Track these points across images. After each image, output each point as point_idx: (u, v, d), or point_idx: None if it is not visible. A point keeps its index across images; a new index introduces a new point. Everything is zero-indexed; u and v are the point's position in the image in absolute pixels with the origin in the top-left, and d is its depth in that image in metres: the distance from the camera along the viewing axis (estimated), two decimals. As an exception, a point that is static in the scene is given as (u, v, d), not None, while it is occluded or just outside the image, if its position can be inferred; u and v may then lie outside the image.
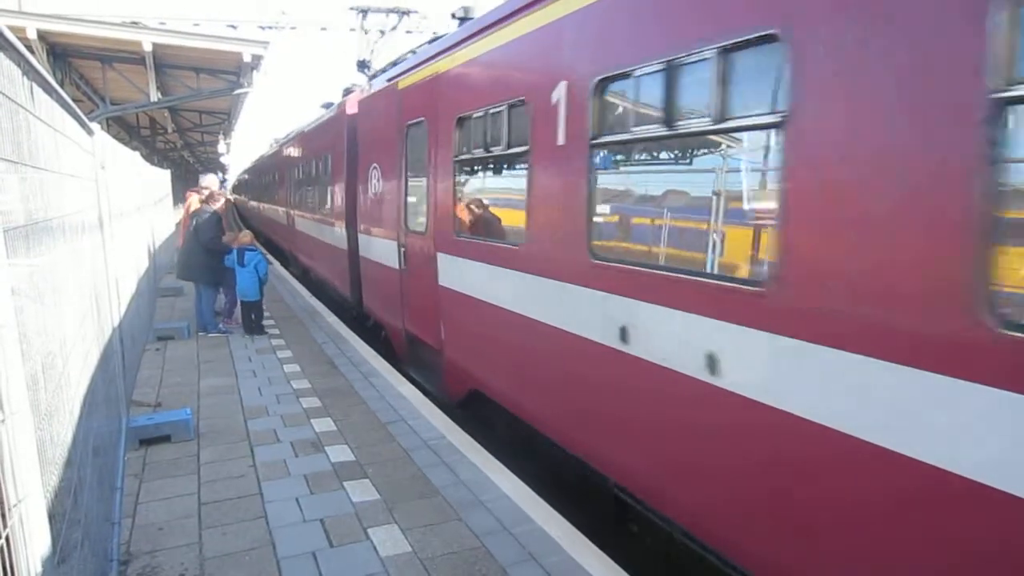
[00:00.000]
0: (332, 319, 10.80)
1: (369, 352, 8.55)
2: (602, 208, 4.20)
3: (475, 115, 5.55)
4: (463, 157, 5.87)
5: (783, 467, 2.90)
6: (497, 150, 5.23)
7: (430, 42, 7.91)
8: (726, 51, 3.04)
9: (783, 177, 2.80)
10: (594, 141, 3.97)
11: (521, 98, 4.74)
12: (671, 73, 3.40)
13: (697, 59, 3.23)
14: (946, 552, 2.34)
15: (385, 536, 3.96)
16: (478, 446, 5.37)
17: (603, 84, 3.89)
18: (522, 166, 4.87)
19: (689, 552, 3.61)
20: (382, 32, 15.10)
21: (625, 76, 3.78)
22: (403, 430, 5.73)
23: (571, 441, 4.46)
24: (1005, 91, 2.06)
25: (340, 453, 5.22)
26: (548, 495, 4.57)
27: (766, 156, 3.07)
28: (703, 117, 3.23)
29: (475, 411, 6.16)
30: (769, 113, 2.91)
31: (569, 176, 4.20)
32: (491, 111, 5.26)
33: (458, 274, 6.00)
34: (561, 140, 4.24)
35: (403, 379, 7.31)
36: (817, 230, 2.69)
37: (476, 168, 6.00)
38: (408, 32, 16.33)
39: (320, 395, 6.72)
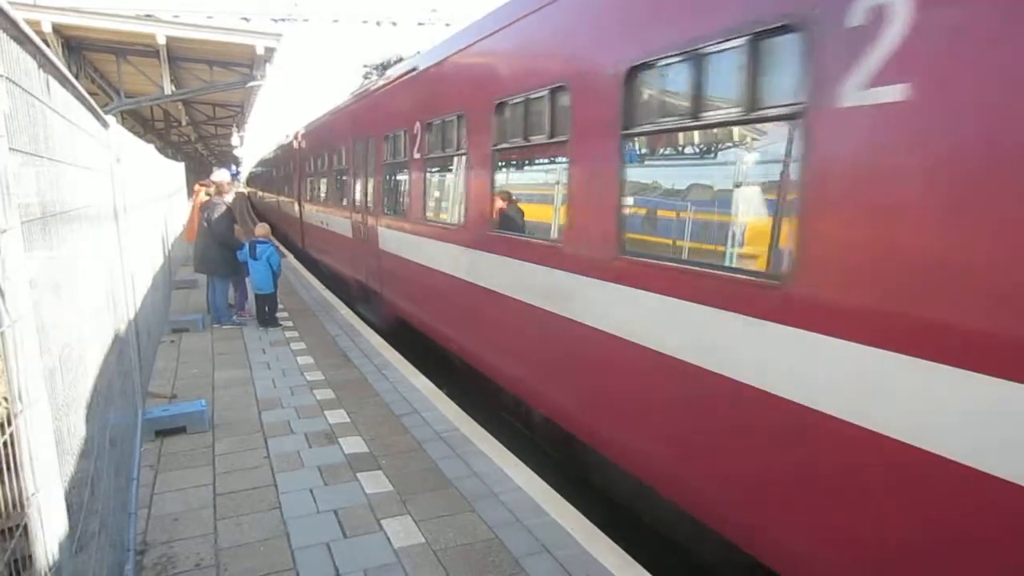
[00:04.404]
0: (345, 311, 10.84)
1: (382, 344, 8.57)
2: None
3: None
4: None
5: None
6: None
7: None
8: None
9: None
10: None
11: None
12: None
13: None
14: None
15: (399, 527, 3.97)
16: (491, 438, 5.36)
17: None
18: None
19: (702, 545, 3.59)
20: None
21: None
22: (416, 422, 5.74)
23: None
24: None
25: (354, 445, 5.24)
26: (563, 488, 4.56)
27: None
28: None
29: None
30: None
31: None
32: None
33: None
34: None
35: (416, 371, 7.32)
36: None
37: None
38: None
39: (334, 387, 6.75)
